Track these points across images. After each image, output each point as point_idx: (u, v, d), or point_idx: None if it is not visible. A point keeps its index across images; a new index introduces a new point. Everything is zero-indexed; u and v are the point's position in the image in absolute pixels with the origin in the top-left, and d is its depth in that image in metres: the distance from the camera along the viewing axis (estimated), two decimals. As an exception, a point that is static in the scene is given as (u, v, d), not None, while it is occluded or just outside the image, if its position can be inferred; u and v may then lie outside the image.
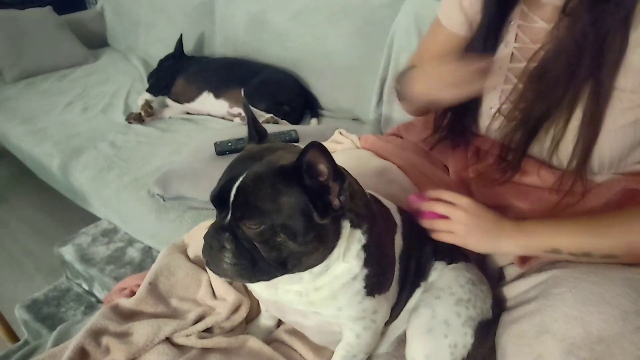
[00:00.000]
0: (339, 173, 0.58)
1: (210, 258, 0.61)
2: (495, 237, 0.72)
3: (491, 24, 0.81)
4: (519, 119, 0.78)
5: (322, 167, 0.56)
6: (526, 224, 0.71)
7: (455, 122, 0.90)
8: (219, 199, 0.59)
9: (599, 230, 0.67)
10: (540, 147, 0.80)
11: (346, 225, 0.63)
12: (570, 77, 0.70)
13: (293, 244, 0.57)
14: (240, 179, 0.57)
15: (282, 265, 0.59)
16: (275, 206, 0.56)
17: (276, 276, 0.61)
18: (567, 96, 0.72)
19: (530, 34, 0.79)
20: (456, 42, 0.89)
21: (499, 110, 0.82)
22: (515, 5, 0.80)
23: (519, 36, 0.80)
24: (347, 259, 0.63)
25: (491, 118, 0.84)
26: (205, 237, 0.61)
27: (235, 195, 0.57)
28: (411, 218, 0.78)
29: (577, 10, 0.68)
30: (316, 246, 0.59)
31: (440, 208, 0.74)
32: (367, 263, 0.64)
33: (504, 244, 0.71)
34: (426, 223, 0.76)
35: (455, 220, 0.72)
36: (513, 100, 0.79)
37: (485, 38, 0.81)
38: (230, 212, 0.58)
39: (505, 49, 0.81)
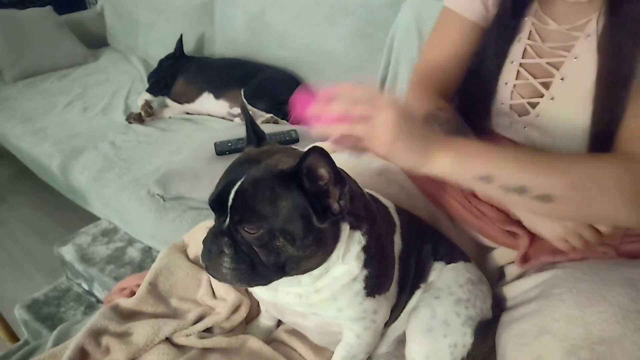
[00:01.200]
0: (340, 177, 0.57)
1: (209, 262, 0.61)
2: (426, 149, 0.60)
3: (507, 17, 0.80)
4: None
5: (323, 172, 0.56)
6: (460, 141, 0.62)
7: (468, 115, 0.89)
8: (218, 203, 0.59)
9: (540, 165, 0.60)
10: None
11: (345, 227, 0.62)
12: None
13: (292, 248, 0.57)
14: (239, 183, 0.57)
15: (281, 269, 0.59)
16: (274, 210, 0.56)
17: (275, 280, 0.61)
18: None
19: (543, 33, 0.79)
20: (468, 29, 0.86)
21: (510, 106, 0.82)
22: (531, 1, 0.80)
23: (532, 33, 0.80)
24: (346, 260, 0.63)
25: (502, 114, 0.84)
26: (204, 241, 0.61)
27: (233, 200, 0.57)
28: (410, 217, 0.78)
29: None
30: (315, 250, 0.59)
31: (359, 108, 0.58)
32: (367, 264, 0.64)
33: (433, 160, 0.60)
34: (337, 128, 0.58)
35: (381, 122, 0.57)
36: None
37: (500, 31, 0.81)
38: (228, 216, 0.58)
39: (518, 44, 0.81)
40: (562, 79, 0.76)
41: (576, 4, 0.73)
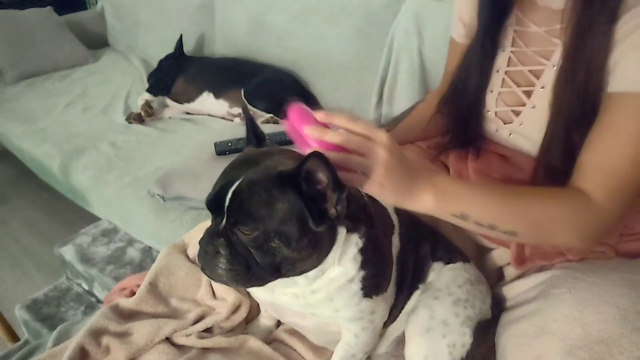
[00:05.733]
0: (338, 183, 0.57)
1: (205, 263, 0.61)
2: (411, 189, 0.61)
3: (487, 30, 0.82)
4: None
5: (322, 176, 0.56)
6: (440, 181, 0.63)
7: (459, 125, 0.91)
8: (215, 204, 0.59)
9: (507, 203, 0.64)
10: None
11: (342, 231, 0.62)
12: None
13: (287, 250, 0.57)
14: (236, 184, 0.57)
15: (277, 270, 0.59)
16: (270, 212, 0.56)
17: (270, 281, 0.61)
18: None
19: (525, 38, 0.80)
20: (459, 52, 0.90)
21: (495, 113, 0.83)
22: (511, 11, 0.81)
23: (515, 40, 0.81)
24: (342, 262, 0.63)
25: (488, 121, 0.85)
26: (200, 242, 0.61)
27: (230, 201, 0.57)
28: (409, 218, 0.78)
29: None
30: (310, 252, 0.59)
31: (355, 141, 0.58)
32: (363, 265, 0.64)
33: (416, 199, 0.61)
34: (333, 156, 0.56)
35: (375, 160, 0.57)
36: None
37: (482, 44, 0.83)
38: (225, 217, 0.58)
39: (502, 53, 0.82)
40: (542, 88, 0.77)
41: (558, 10, 0.74)
